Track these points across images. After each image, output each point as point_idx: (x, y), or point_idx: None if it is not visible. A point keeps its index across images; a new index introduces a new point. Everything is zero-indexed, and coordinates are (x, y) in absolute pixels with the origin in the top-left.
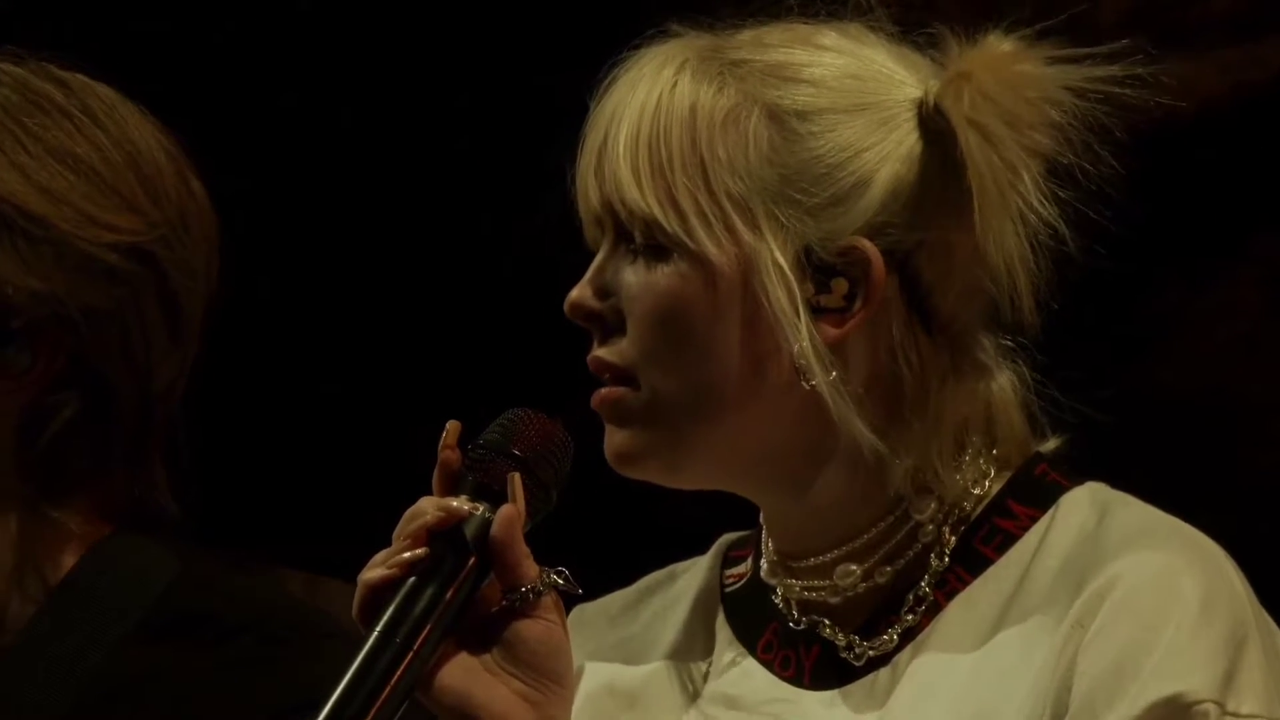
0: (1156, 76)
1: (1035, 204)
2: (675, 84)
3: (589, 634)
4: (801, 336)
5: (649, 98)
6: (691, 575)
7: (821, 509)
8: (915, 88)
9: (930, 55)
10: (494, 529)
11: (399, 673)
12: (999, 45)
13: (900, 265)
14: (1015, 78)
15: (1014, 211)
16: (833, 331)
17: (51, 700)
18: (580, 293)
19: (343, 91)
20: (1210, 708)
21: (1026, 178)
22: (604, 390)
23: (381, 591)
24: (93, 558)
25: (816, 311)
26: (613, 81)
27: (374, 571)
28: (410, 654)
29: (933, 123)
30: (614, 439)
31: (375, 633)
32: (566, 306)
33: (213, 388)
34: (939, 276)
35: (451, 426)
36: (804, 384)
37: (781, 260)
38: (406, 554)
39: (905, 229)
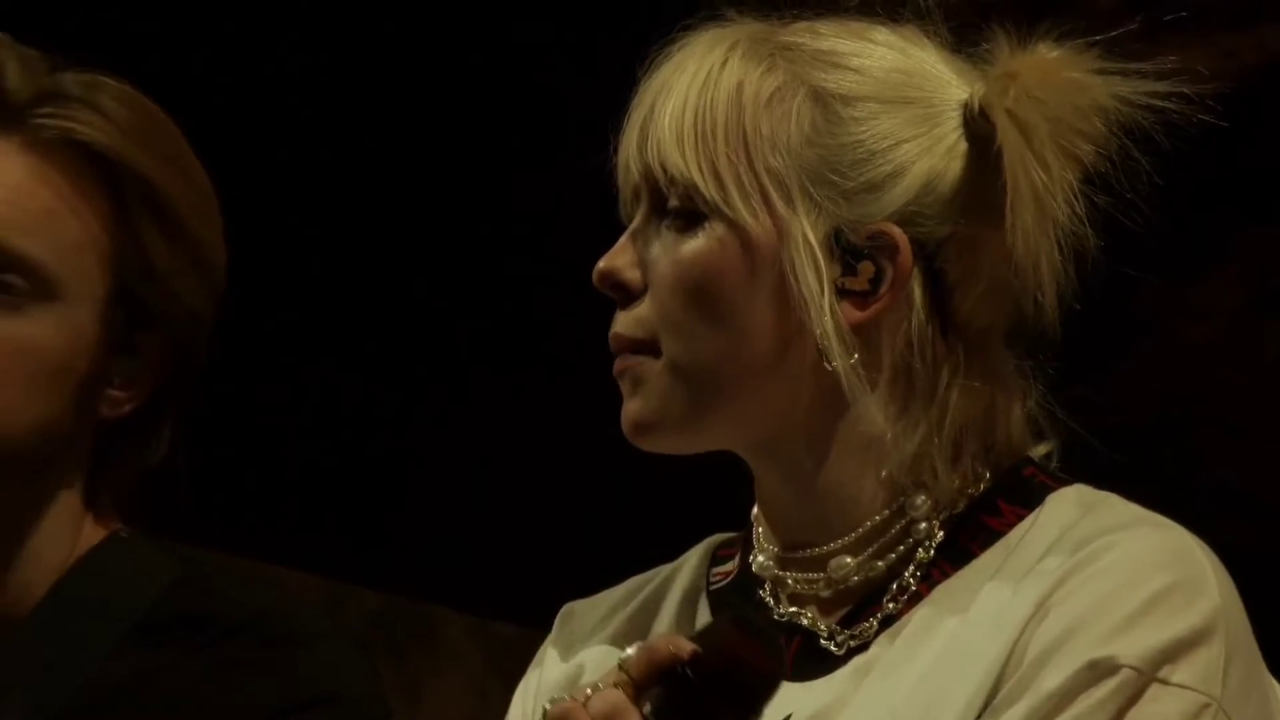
0: (1204, 97)
1: (1066, 204)
2: (726, 61)
3: (579, 633)
4: (825, 315)
5: (698, 72)
6: (678, 574)
7: (824, 495)
8: (961, 90)
9: (983, 68)
10: None
11: None
12: (1049, 51)
13: (927, 258)
14: (1065, 83)
15: (1047, 209)
16: (856, 314)
17: (47, 699)
18: (609, 261)
19: (342, 92)
20: (1129, 674)
21: (1060, 178)
22: (621, 360)
23: None
24: (92, 558)
25: (841, 293)
26: (664, 59)
27: None
28: None
29: (976, 125)
30: (631, 406)
31: None
32: (595, 275)
33: (212, 389)
34: (963, 275)
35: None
36: (826, 365)
37: (812, 237)
38: None
39: (936, 221)
